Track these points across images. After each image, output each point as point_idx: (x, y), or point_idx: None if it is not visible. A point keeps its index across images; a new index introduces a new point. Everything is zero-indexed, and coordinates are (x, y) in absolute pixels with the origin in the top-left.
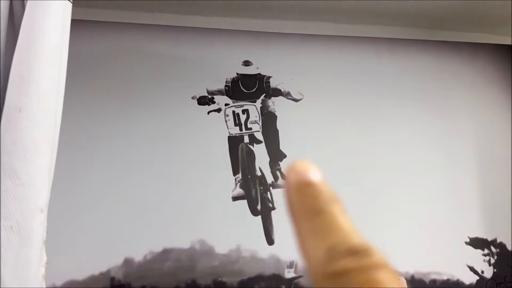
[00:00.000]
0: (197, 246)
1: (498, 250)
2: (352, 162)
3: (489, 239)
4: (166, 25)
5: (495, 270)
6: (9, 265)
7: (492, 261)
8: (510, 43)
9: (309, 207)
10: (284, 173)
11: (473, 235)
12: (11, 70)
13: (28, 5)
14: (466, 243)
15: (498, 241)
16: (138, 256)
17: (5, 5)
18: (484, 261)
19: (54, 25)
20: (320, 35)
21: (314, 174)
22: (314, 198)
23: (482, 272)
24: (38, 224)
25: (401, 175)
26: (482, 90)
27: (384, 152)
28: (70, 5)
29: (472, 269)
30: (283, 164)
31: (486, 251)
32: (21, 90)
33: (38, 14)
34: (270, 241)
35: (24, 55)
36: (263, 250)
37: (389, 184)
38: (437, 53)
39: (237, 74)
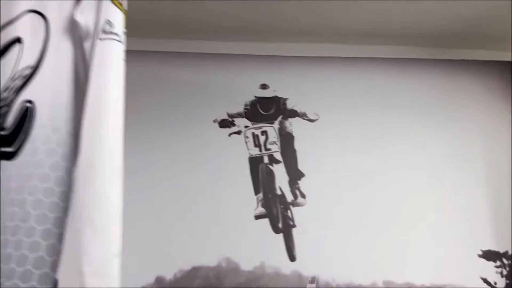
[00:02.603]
0: (224, 264)
1: (509, 262)
2: (367, 178)
3: (501, 251)
4: (188, 52)
5: (507, 281)
6: None
7: (505, 272)
8: (510, 60)
9: None
10: None
11: (485, 248)
12: (83, 132)
13: (95, 63)
14: (479, 255)
15: (510, 253)
16: (168, 274)
17: (71, 66)
18: (496, 272)
19: (118, 84)
20: (332, 57)
21: None
22: None
23: (495, 283)
24: (115, 268)
25: (414, 190)
26: (490, 105)
27: (397, 168)
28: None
29: (485, 281)
30: (302, 183)
31: (498, 263)
32: (94, 150)
33: (104, 76)
34: (292, 257)
35: (93, 118)
36: (286, 267)
37: (402, 199)
38: (445, 71)
39: (255, 97)
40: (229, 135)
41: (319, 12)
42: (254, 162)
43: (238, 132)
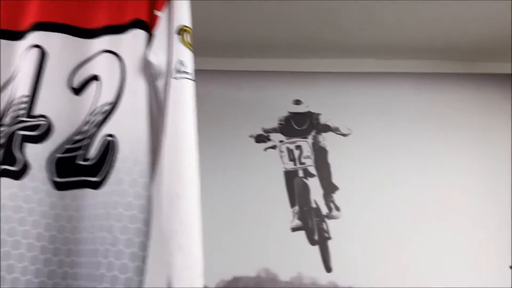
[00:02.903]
0: (263, 274)
1: None
2: (399, 190)
3: None
4: (224, 70)
5: None
6: None
7: None
8: None
9: None
10: None
11: None
12: (164, 164)
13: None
14: (510, 267)
15: None
16: (211, 284)
17: (145, 103)
18: None
19: (192, 118)
20: (364, 72)
21: None
22: None
23: None
24: (200, 286)
25: (448, 203)
26: None
27: (429, 180)
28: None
29: None
30: (336, 196)
31: None
32: (176, 180)
33: (180, 112)
34: (328, 268)
35: (173, 151)
36: (322, 277)
37: (436, 210)
38: (475, 85)
39: (289, 112)
40: (265, 149)
41: (350, 29)
42: (289, 176)
43: (273, 147)
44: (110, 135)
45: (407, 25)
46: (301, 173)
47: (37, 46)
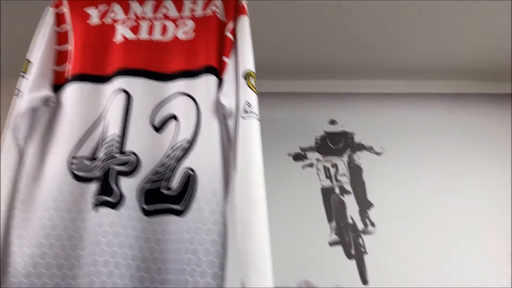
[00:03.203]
0: (303, 286)
1: None
2: (430, 206)
3: None
4: (263, 92)
5: None
6: None
7: None
8: None
9: None
10: None
11: None
12: (237, 193)
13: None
14: None
15: None
16: None
17: (218, 139)
18: None
19: (260, 152)
20: (395, 93)
21: None
22: None
23: None
24: None
25: (474, 217)
26: None
27: (458, 196)
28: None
29: None
30: (371, 212)
31: None
32: (249, 208)
33: (249, 147)
34: (364, 281)
35: (244, 182)
36: None
37: (465, 225)
38: (501, 104)
39: (325, 132)
40: (302, 167)
41: (382, 52)
42: (326, 193)
43: (311, 165)
44: (190, 169)
45: (436, 48)
46: (337, 190)
47: (123, 90)
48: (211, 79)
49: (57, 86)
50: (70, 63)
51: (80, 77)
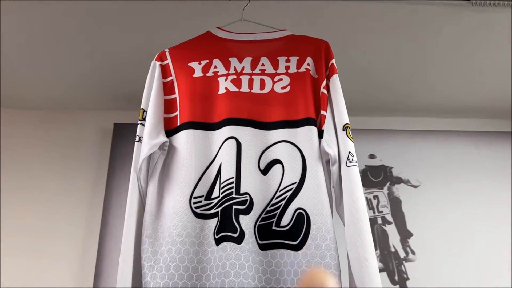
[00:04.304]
0: None
1: None
2: (465, 234)
3: None
4: None
5: None
6: None
7: None
8: None
9: None
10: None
11: None
12: (349, 233)
13: (346, 183)
14: None
15: None
16: None
17: (323, 183)
18: None
19: (363, 197)
20: (430, 130)
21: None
22: None
23: None
24: None
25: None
26: None
27: (487, 224)
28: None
29: None
30: (411, 241)
31: None
32: (363, 246)
33: (355, 192)
34: None
35: (355, 222)
36: None
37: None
38: None
39: (365, 166)
40: None
41: (414, 91)
42: (370, 223)
43: None
44: (302, 209)
45: (464, 88)
46: (379, 221)
47: (233, 137)
48: (313, 129)
49: (168, 131)
50: (178, 111)
51: (191, 125)
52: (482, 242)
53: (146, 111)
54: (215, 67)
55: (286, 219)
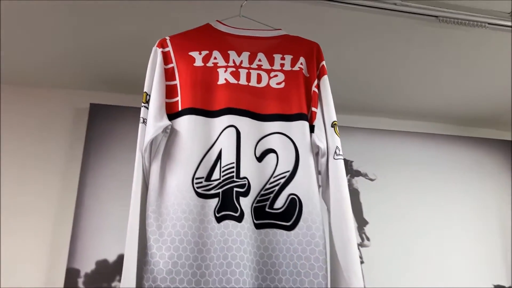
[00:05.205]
0: None
1: None
2: (415, 225)
3: (506, 286)
4: None
5: None
6: None
7: None
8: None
9: None
10: None
11: (496, 283)
12: (334, 217)
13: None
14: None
15: None
16: None
17: (313, 172)
18: None
19: (347, 186)
20: (389, 130)
21: None
22: None
23: None
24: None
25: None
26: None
27: (437, 218)
28: None
29: None
30: (367, 229)
31: None
32: (346, 228)
33: (339, 181)
34: None
35: (338, 207)
36: None
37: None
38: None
39: None
40: None
41: (383, 93)
42: None
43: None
44: (294, 194)
45: (427, 94)
46: None
47: (233, 126)
48: (306, 124)
49: (169, 115)
50: (179, 96)
51: (192, 111)
52: (431, 233)
53: (149, 95)
54: (215, 58)
55: (279, 203)
